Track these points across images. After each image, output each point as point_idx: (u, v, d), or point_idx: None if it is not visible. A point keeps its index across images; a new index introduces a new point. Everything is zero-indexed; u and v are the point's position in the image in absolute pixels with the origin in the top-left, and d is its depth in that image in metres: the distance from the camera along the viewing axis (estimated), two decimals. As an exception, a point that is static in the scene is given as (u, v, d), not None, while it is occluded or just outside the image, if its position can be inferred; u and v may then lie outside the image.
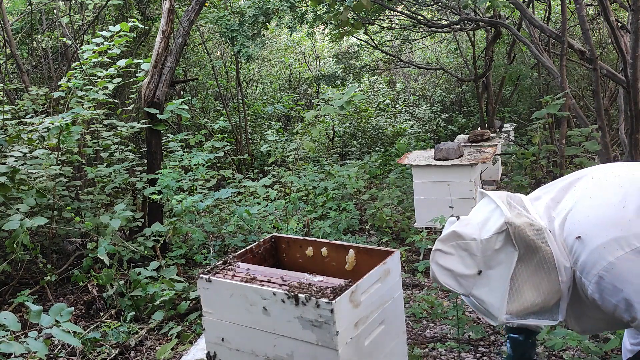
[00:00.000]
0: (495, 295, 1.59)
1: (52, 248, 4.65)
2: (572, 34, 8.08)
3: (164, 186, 4.65)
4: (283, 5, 6.95)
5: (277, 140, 7.49)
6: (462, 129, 10.24)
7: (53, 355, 3.34)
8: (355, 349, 1.82)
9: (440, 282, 1.68)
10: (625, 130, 4.18)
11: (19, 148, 4.17)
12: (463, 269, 1.63)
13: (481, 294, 1.62)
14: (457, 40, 9.80)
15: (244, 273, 2.05)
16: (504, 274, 1.58)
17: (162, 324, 3.67)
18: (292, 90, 12.70)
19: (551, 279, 1.56)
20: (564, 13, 4.29)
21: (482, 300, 1.62)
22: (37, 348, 2.26)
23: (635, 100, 3.54)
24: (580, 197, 1.64)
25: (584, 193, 1.65)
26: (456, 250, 1.65)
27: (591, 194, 1.63)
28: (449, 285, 1.66)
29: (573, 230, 1.57)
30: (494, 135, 6.85)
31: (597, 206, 1.58)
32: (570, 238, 1.58)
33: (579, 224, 1.57)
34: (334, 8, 5.60)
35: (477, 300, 1.64)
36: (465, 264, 1.63)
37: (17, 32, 7.31)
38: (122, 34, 4.73)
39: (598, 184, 1.66)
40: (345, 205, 5.57)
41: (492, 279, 1.60)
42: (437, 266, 1.67)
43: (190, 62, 10.17)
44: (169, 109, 4.89)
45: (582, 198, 1.64)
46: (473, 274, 1.63)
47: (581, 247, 1.53)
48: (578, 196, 1.65)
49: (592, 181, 1.69)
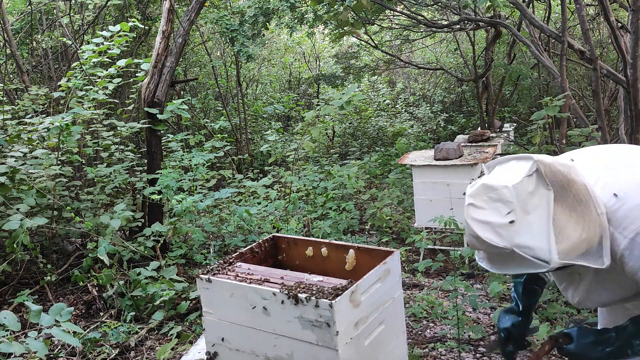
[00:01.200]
0: (541, 239, 1.51)
1: (52, 248, 4.65)
2: (572, 34, 8.08)
3: (164, 186, 4.65)
4: (283, 5, 6.96)
5: (277, 140, 7.49)
6: (462, 129, 10.24)
7: (53, 356, 3.34)
8: (355, 349, 1.82)
9: (481, 237, 1.56)
10: (625, 130, 4.18)
11: (19, 148, 4.17)
12: (500, 218, 1.54)
13: (526, 240, 1.52)
14: (457, 40, 9.80)
15: (244, 273, 2.05)
16: (543, 216, 1.52)
17: (162, 324, 3.67)
18: (292, 90, 12.70)
19: (590, 212, 1.53)
20: (564, 13, 4.29)
21: (528, 247, 1.52)
22: (37, 348, 2.26)
23: (635, 100, 3.54)
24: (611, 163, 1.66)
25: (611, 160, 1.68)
26: (488, 203, 1.57)
27: (624, 162, 1.66)
28: (489, 239, 1.56)
29: (610, 188, 1.57)
30: (494, 135, 6.85)
31: (635, 171, 1.61)
32: (605, 194, 1.57)
33: (617, 183, 1.57)
34: (334, 8, 5.60)
35: (523, 249, 1.53)
36: (501, 214, 1.54)
37: (17, 32, 7.32)
38: (122, 34, 4.73)
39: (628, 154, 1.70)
40: (345, 205, 5.57)
41: (532, 224, 1.52)
42: (473, 221, 1.58)
43: (190, 62, 10.17)
44: (169, 109, 4.89)
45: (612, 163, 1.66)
46: (512, 221, 1.54)
47: (619, 203, 1.54)
48: (605, 163, 1.67)
49: (616, 152, 1.73)
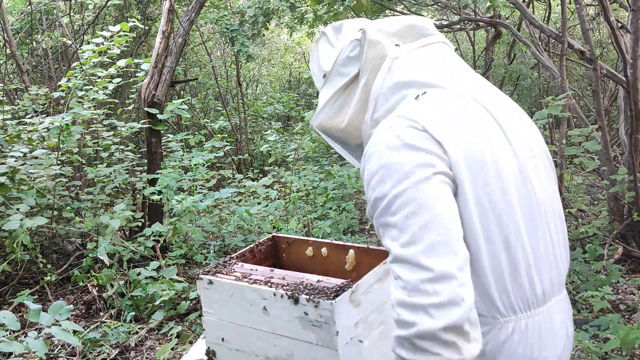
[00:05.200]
0: (324, 100, 1.45)
1: (52, 248, 4.65)
2: (572, 34, 8.08)
3: (164, 186, 4.65)
4: (283, 5, 6.96)
5: (277, 140, 7.49)
6: (462, 129, 10.22)
7: (53, 355, 3.34)
8: (355, 349, 1.82)
9: (309, 65, 1.54)
10: (625, 130, 4.18)
11: (19, 148, 4.17)
12: (326, 63, 1.46)
13: (322, 94, 1.47)
14: (457, 40, 9.80)
15: (244, 273, 2.05)
16: (338, 86, 1.41)
17: (162, 324, 3.67)
18: (292, 90, 12.70)
19: (359, 109, 1.38)
20: (564, 13, 4.29)
21: (320, 101, 1.48)
22: (37, 347, 2.26)
23: (635, 100, 3.55)
24: None
25: None
26: (338, 42, 1.46)
27: None
28: (312, 70, 1.52)
29: None
30: (494, 135, 6.84)
31: None
32: None
33: None
34: (334, 8, 5.60)
35: (319, 100, 1.49)
36: (328, 55, 1.46)
37: (17, 32, 7.31)
38: (122, 34, 4.73)
39: None
40: (345, 205, 5.57)
41: (332, 86, 1.43)
42: (315, 49, 1.52)
43: (190, 62, 10.17)
44: (169, 109, 4.89)
45: None
46: (327, 71, 1.45)
47: None
48: None
49: None
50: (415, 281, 1.07)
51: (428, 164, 1.14)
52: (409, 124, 1.19)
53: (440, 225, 1.11)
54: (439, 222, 1.11)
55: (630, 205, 3.85)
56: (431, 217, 1.11)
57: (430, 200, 1.12)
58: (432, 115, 1.21)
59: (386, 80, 1.33)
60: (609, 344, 2.46)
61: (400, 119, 1.22)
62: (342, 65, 1.41)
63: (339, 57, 1.41)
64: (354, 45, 1.38)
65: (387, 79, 1.32)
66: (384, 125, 1.24)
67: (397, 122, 1.21)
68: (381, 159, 1.18)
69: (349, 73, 1.39)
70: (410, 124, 1.19)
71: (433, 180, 1.13)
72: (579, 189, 5.22)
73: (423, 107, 1.24)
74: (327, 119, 1.43)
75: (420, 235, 1.10)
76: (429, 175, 1.13)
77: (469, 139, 1.21)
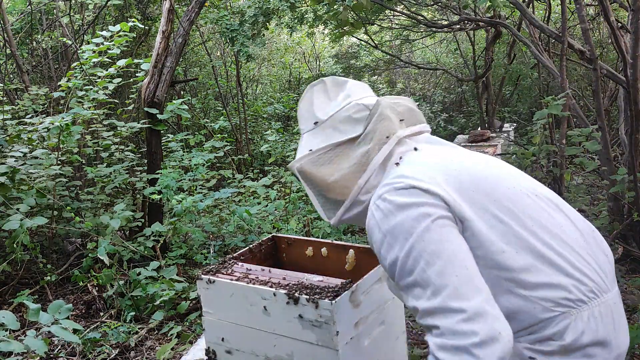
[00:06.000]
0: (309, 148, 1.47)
1: (52, 248, 4.65)
2: (572, 34, 8.07)
3: (164, 186, 4.65)
4: (283, 5, 6.95)
5: (277, 140, 7.49)
6: (462, 129, 10.24)
7: (53, 355, 3.34)
8: (355, 349, 1.82)
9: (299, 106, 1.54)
10: (625, 130, 4.18)
11: (19, 148, 4.17)
12: (319, 112, 1.48)
13: (308, 139, 1.49)
14: (457, 40, 9.80)
15: (244, 273, 2.05)
16: (332, 140, 1.44)
17: (162, 324, 3.67)
18: (292, 90, 12.69)
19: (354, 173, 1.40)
20: (564, 13, 4.29)
21: (303, 144, 1.49)
22: (36, 346, 2.26)
23: (635, 100, 3.54)
24: None
25: None
26: (334, 95, 1.51)
27: None
28: (301, 110, 1.53)
29: None
30: (494, 135, 6.85)
31: None
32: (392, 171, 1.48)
33: None
34: (334, 8, 5.60)
35: (302, 142, 1.50)
36: (324, 111, 1.48)
37: (17, 32, 7.31)
38: (122, 34, 4.73)
39: None
40: (345, 205, 5.56)
41: (324, 137, 1.45)
42: (310, 93, 1.54)
43: (190, 62, 10.17)
44: (169, 109, 4.89)
45: None
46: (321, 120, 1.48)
47: None
48: None
49: None
50: (451, 324, 1.10)
51: (424, 215, 1.20)
52: (395, 186, 1.27)
53: (457, 266, 1.15)
54: (454, 264, 1.15)
55: (630, 205, 3.85)
56: (445, 262, 1.15)
57: (438, 246, 1.17)
58: (414, 170, 1.30)
59: (387, 155, 1.40)
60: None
61: (387, 187, 1.29)
62: (342, 123, 1.45)
63: (338, 112, 1.46)
64: (359, 109, 1.44)
65: (390, 155, 1.41)
66: (375, 198, 1.32)
67: (385, 190, 1.29)
68: (382, 227, 1.25)
69: (347, 132, 1.44)
70: (397, 187, 1.27)
71: (434, 228, 1.19)
72: (579, 189, 5.22)
73: (404, 167, 1.34)
74: (312, 166, 1.45)
75: (441, 282, 1.14)
76: (428, 225, 1.19)
77: (452, 173, 1.28)
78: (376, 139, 1.39)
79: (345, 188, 1.41)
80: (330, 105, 1.49)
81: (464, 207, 1.22)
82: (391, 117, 1.42)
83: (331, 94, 1.51)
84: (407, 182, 1.26)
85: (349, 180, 1.40)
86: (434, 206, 1.21)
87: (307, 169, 1.45)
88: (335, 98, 1.50)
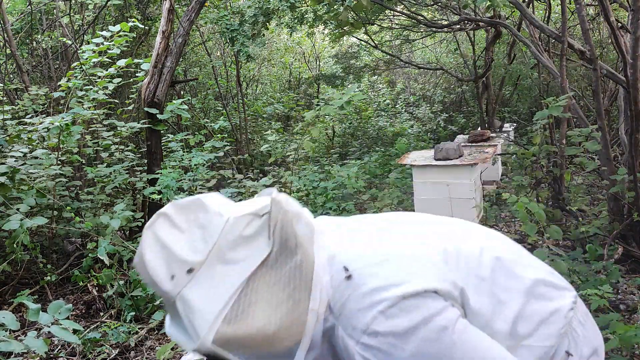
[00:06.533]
0: (213, 305, 1.02)
1: (52, 248, 4.65)
2: (572, 34, 8.08)
3: (164, 186, 4.65)
4: (283, 5, 6.96)
5: (277, 140, 7.49)
6: (462, 129, 10.24)
7: (53, 356, 3.34)
8: (355, 349, 1.81)
9: (144, 264, 1.06)
10: (625, 130, 4.18)
11: (19, 148, 4.17)
12: (187, 252, 1.05)
13: (194, 297, 1.02)
14: (457, 40, 9.80)
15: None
16: (235, 278, 1.04)
17: (162, 324, 3.67)
18: (292, 90, 12.70)
19: (300, 302, 1.04)
20: (564, 13, 4.29)
21: (191, 307, 1.02)
22: (36, 346, 2.26)
23: (635, 100, 3.54)
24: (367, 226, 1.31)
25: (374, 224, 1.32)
26: (190, 225, 1.09)
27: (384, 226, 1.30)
28: (153, 270, 1.05)
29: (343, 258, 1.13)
30: (494, 135, 6.86)
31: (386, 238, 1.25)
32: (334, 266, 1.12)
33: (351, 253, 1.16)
34: (334, 8, 5.60)
35: (185, 307, 1.03)
36: (193, 248, 1.06)
37: (17, 32, 7.31)
38: (122, 34, 4.73)
39: None
40: (345, 205, 5.56)
41: (219, 279, 1.04)
42: (153, 237, 1.08)
43: (190, 62, 10.17)
44: (169, 109, 4.89)
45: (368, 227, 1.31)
46: (197, 261, 1.04)
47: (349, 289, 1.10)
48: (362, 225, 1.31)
49: None
50: None
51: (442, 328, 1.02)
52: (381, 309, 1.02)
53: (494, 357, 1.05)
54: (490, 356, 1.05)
55: (630, 205, 3.85)
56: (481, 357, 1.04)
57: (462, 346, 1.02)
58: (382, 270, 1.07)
59: (321, 256, 1.11)
60: (608, 344, 2.46)
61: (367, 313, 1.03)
62: (233, 249, 1.06)
63: (220, 239, 1.06)
64: (247, 221, 1.09)
65: (322, 255, 1.11)
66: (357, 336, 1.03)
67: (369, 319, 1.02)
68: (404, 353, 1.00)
69: (251, 257, 1.06)
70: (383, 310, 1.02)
71: (450, 326, 1.02)
72: (579, 189, 5.23)
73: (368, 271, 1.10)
74: (231, 327, 1.01)
75: None
76: (445, 325, 1.02)
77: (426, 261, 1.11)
78: (303, 244, 1.08)
79: (296, 327, 1.03)
80: (194, 238, 1.08)
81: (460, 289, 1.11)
82: (293, 209, 1.14)
83: (184, 225, 1.10)
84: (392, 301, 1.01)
85: (294, 314, 1.03)
86: (428, 307, 1.02)
87: (229, 335, 1.00)
88: (196, 227, 1.09)
